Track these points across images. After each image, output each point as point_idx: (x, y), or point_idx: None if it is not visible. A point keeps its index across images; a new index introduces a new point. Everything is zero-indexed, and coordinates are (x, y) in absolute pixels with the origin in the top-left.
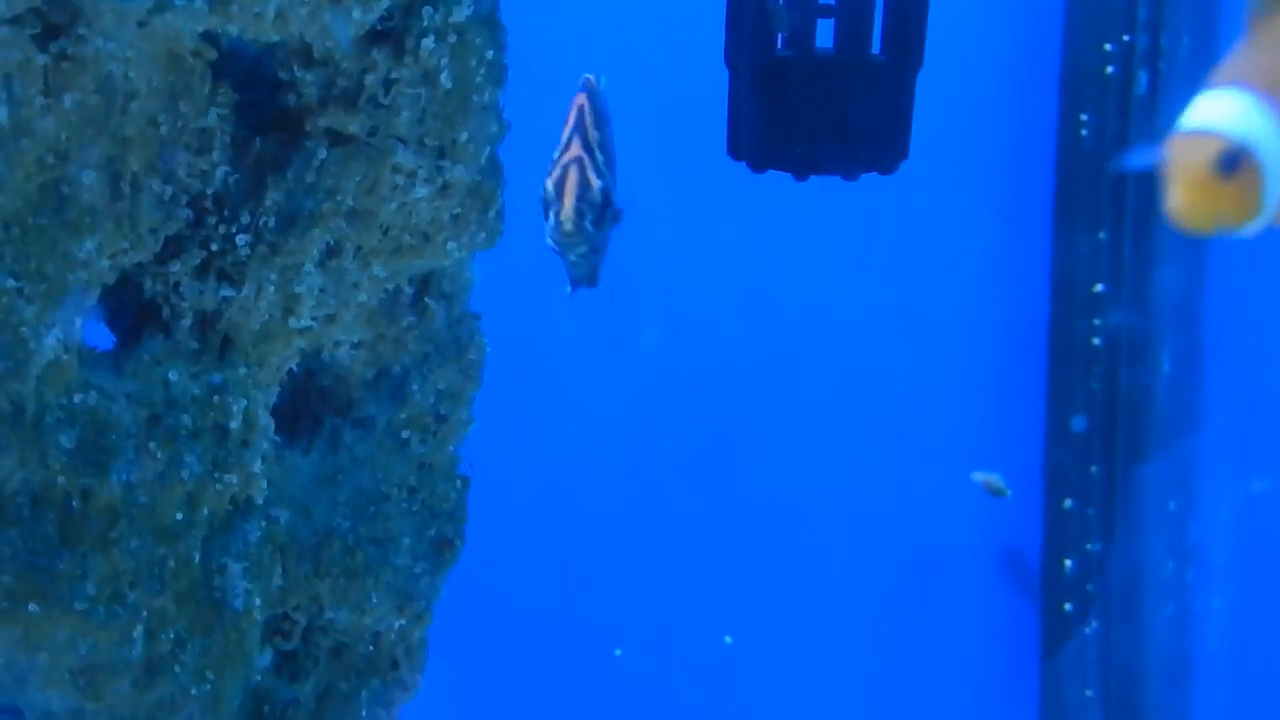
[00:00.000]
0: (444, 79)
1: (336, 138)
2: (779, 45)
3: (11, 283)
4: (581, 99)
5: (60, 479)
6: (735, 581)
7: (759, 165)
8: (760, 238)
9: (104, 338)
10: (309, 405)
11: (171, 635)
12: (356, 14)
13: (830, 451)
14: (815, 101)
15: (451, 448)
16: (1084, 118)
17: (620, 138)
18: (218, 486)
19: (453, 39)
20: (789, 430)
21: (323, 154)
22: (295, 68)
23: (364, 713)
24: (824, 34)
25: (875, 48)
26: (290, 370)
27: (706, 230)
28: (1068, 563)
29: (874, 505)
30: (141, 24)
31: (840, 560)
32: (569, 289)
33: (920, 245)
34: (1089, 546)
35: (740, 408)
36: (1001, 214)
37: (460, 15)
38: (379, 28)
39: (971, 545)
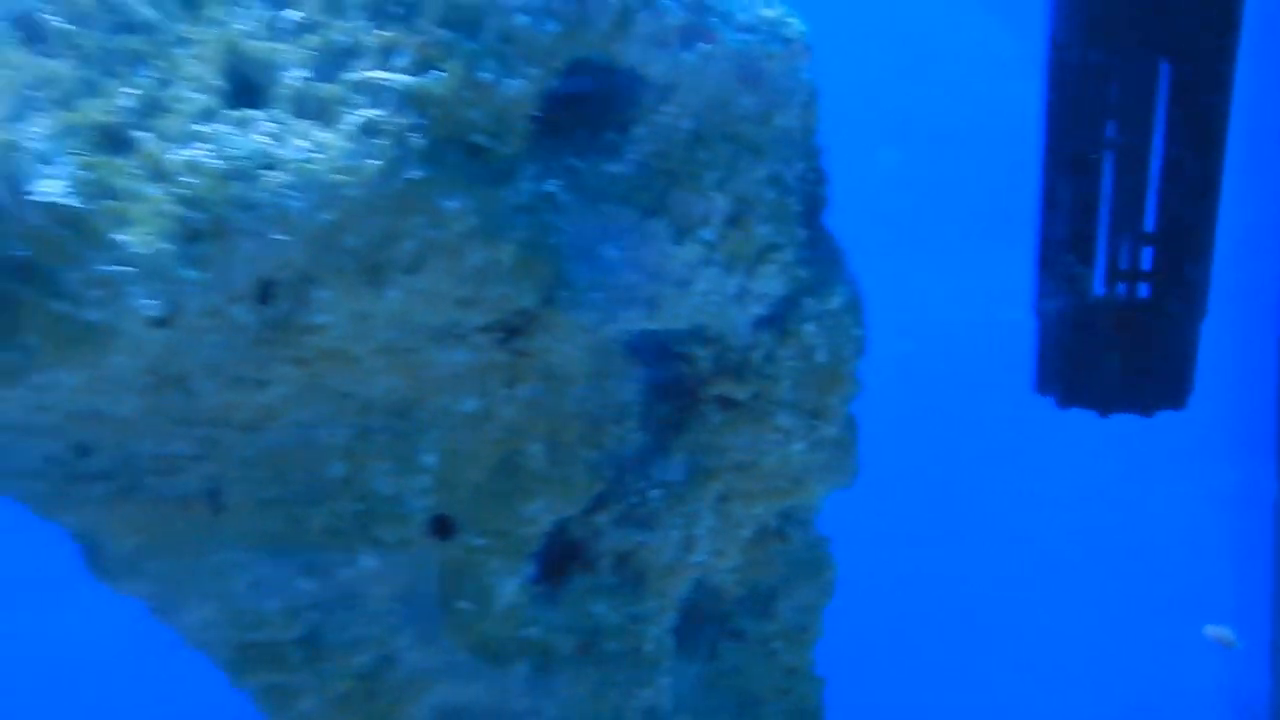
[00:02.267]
0: (819, 355)
1: (726, 403)
2: (1083, 298)
3: (480, 540)
4: None
5: (517, 701)
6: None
7: (1065, 402)
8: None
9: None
10: (690, 619)
11: None
12: (754, 308)
13: (1080, 604)
14: (1116, 348)
15: (810, 654)
16: None
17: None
18: (636, 701)
19: (828, 322)
20: (1050, 585)
21: (716, 418)
22: (693, 345)
23: None
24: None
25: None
26: None
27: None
28: None
29: (1118, 655)
30: (588, 330)
31: (1085, 703)
32: None
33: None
34: None
35: (1010, 569)
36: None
37: (835, 303)
38: (765, 313)
39: (1205, 693)
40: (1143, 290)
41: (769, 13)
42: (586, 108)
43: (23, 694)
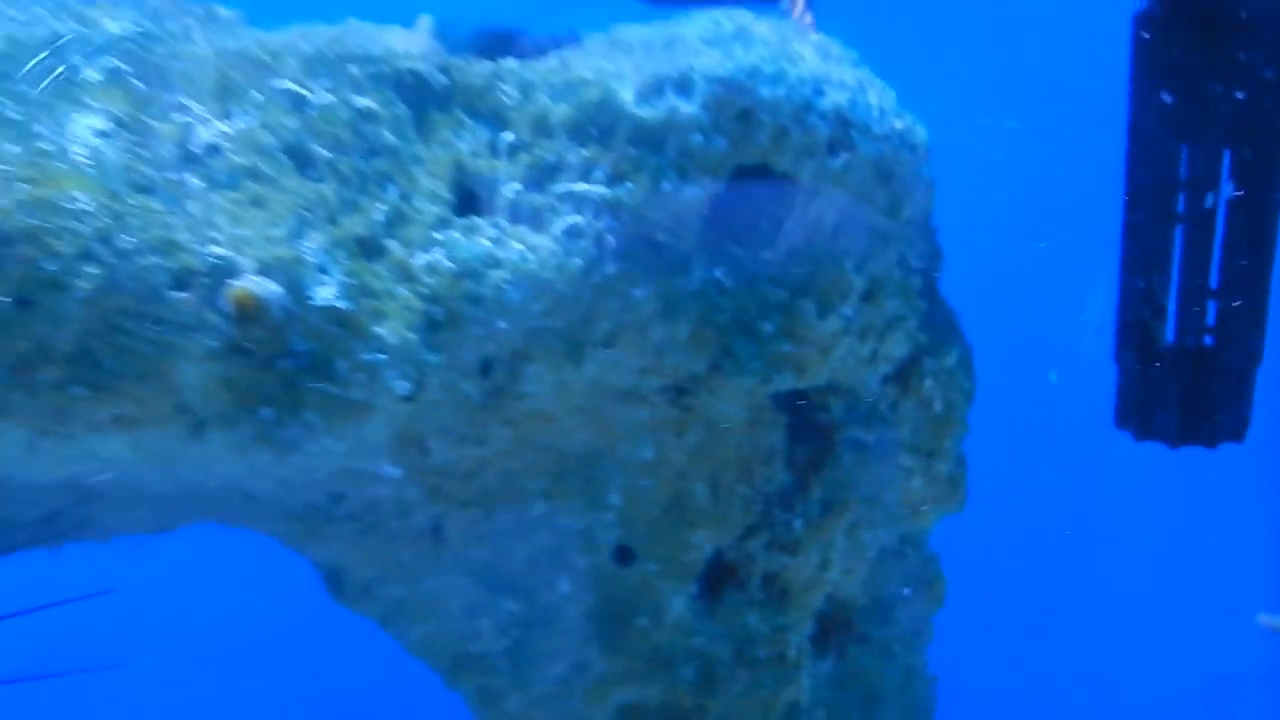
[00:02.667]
0: (936, 405)
1: (856, 445)
2: (1156, 346)
3: (654, 566)
4: None
5: (685, 700)
6: (1048, 699)
7: (1141, 435)
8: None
9: None
10: (824, 627)
11: None
12: (883, 367)
13: (1144, 596)
14: (1184, 389)
15: (924, 656)
16: None
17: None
18: (781, 699)
19: (944, 378)
20: (1117, 580)
21: (847, 459)
22: (829, 397)
23: None
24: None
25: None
26: None
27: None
28: None
29: (1178, 641)
30: (749, 392)
31: (1147, 685)
32: None
33: None
34: None
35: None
36: None
37: (950, 361)
38: (891, 371)
39: (1258, 677)
40: (1207, 340)
41: (899, 124)
42: (747, 205)
43: None
